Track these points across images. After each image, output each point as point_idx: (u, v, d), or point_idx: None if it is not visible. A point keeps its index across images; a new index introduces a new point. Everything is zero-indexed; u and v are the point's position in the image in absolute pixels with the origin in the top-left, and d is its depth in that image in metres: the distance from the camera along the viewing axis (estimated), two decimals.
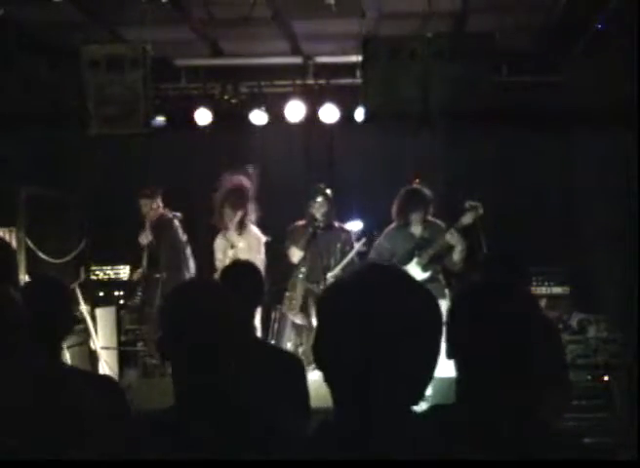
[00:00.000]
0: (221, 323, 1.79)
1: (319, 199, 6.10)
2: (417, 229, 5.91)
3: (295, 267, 6.27)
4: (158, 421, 1.78)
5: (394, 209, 5.92)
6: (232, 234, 6.34)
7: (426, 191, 5.90)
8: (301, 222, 6.25)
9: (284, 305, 6.27)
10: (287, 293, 6.27)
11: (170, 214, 6.66)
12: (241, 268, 3.35)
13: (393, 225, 5.98)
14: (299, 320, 6.21)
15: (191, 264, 6.69)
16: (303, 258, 6.15)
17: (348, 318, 1.36)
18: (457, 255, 5.73)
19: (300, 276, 6.18)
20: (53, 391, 1.69)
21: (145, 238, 6.61)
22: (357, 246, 6.25)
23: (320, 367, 1.42)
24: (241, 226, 6.30)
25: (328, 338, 1.40)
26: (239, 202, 6.27)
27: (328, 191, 6.19)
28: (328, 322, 1.41)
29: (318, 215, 6.11)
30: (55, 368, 2.40)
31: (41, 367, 1.73)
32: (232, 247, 6.29)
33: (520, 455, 1.47)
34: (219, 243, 6.41)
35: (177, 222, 6.64)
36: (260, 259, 6.20)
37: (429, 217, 5.92)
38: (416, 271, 5.74)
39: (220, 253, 6.34)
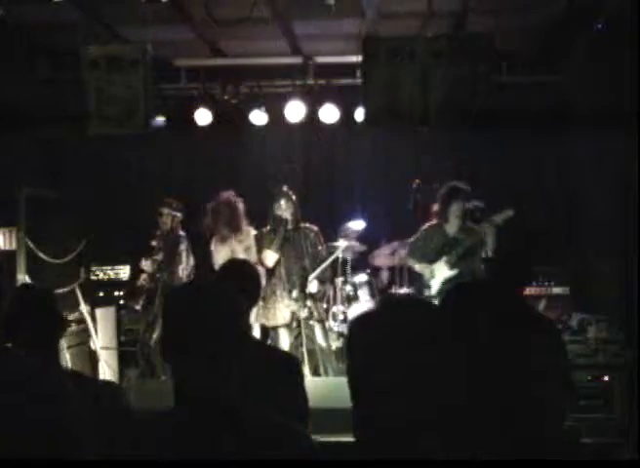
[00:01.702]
0: (220, 323, 1.78)
1: (282, 201, 6.01)
2: (451, 229, 5.97)
3: (268, 273, 6.06)
4: (158, 422, 1.78)
5: (436, 207, 6.00)
6: (232, 241, 6.35)
7: (465, 186, 5.95)
8: (266, 228, 6.13)
9: (259, 317, 6.01)
10: (261, 303, 5.92)
11: (179, 232, 6.81)
12: (237, 267, 3.32)
13: (431, 223, 6.08)
14: (281, 320, 6.02)
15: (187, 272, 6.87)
16: (278, 262, 6.02)
17: (379, 346, 1.42)
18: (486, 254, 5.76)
19: (277, 282, 6.02)
20: (43, 393, 1.68)
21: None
22: (344, 245, 6.30)
23: (352, 387, 1.47)
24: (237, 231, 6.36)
25: (360, 364, 1.45)
26: (227, 213, 6.35)
27: (289, 191, 6.10)
28: (358, 349, 1.47)
29: (286, 217, 6.01)
30: (47, 371, 2.39)
31: (31, 370, 1.71)
32: (233, 253, 6.29)
33: (520, 455, 1.47)
34: (219, 249, 6.39)
35: (184, 245, 6.78)
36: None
37: (468, 223, 5.94)
38: (443, 269, 5.89)
39: (220, 260, 6.33)
